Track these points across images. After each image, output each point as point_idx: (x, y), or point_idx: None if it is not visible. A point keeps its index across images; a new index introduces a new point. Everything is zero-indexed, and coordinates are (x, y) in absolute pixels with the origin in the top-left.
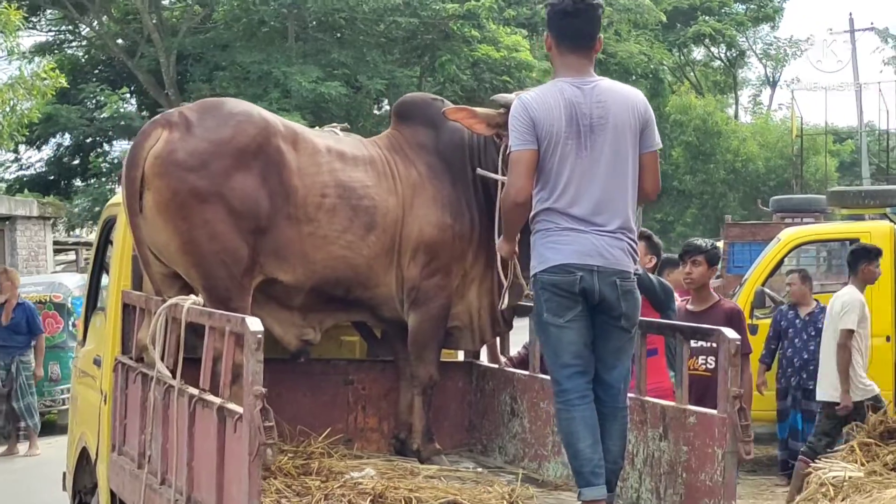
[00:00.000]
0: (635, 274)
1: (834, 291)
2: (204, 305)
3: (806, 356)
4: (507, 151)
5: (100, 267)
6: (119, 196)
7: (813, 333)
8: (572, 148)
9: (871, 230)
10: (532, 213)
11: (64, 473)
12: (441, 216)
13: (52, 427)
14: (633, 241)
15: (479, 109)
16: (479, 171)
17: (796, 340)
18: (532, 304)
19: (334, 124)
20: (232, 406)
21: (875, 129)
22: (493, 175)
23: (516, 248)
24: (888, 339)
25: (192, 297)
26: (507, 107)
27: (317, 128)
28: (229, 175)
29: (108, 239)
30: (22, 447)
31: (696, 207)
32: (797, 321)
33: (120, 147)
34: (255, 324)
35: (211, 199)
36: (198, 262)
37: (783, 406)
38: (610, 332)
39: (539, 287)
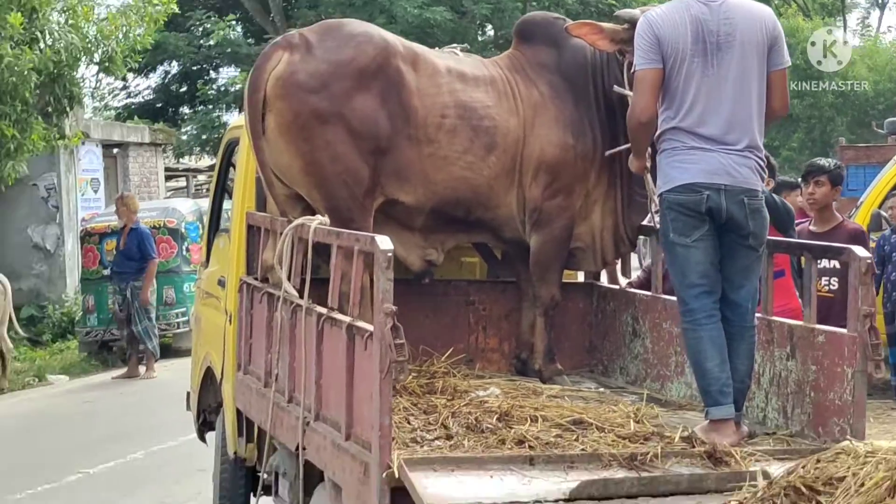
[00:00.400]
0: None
1: None
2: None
3: None
4: (632, 69)
5: (222, 189)
6: (241, 119)
7: None
8: (698, 66)
9: None
10: (657, 133)
11: (188, 393)
12: (563, 136)
13: (167, 350)
14: (761, 160)
15: (603, 24)
16: (616, 88)
17: None
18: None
19: (454, 45)
20: (362, 324)
21: None
22: (624, 91)
23: (647, 164)
24: None
25: (319, 217)
26: (631, 22)
27: (436, 49)
28: (350, 96)
29: (231, 161)
30: (141, 370)
31: (803, 132)
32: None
33: (227, 74)
34: (384, 242)
35: (332, 120)
36: (320, 182)
37: (893, 330)
38: (737, 251)
39: (665, 207)
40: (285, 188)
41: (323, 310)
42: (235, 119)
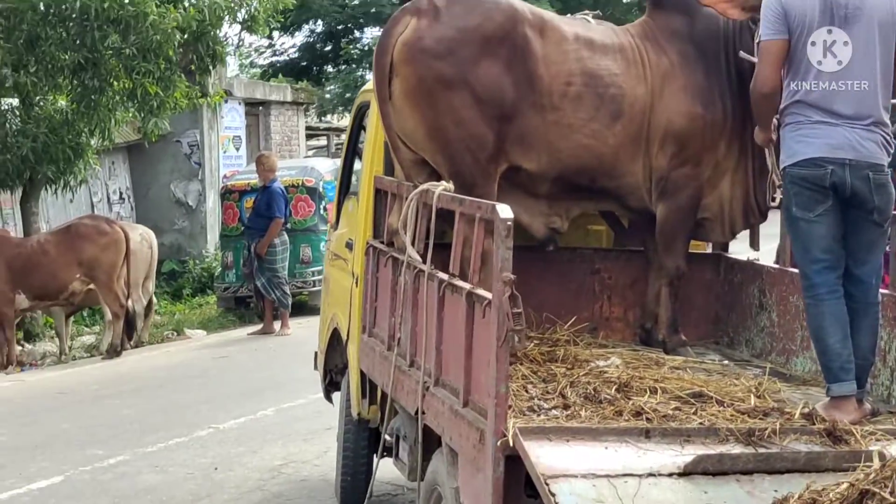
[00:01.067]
0: (890, 167)
1: None
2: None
3: None
4: (757, 40)
5: (353, 152)
6: (372, 82)
7: None
8: (823, 37)
9: None
10: (782, 106)
11: (315, 353)
12: (691, 105)
13: (302, 307)
14: (888, 135)
15: None
16: (742, 53)
17: None
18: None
19: (586, 12)
20: (481, 292)
21: None
22: (751, 58)
23: (772, 136)
24: None
25: (443, 183)
26: None
27: (569, 15)
28: (475, 62)
29: (362, 124)
30: (276, 326)
31: None
32: None
33: (371, 34)
34: (505, 211)
35: (457, 85)
36: (444, 148)
37: None
38: (862, 226)
39: (788, 181)
40: (411, 153)
41: (444, 276)
42: (368, 83)
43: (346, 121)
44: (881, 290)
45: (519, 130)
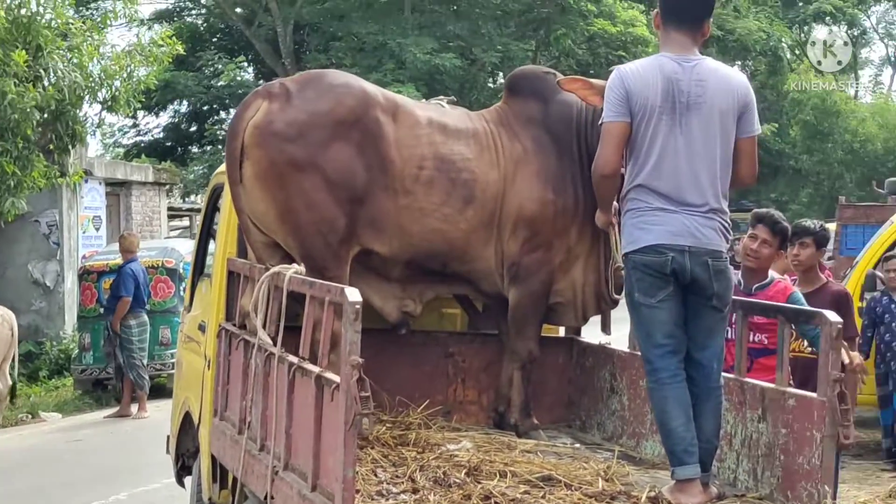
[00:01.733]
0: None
1: None
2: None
3: None
4: (600, 121)
5: (207, 234)
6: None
7: None
8: (666, 124)
9: None
10: (623, 192)
11: (168, 437)
12: (543, 191)
13: (161, 390)
14: (726, 222)
15: (594, 80)
16: None
17: (894, 325)
18: None
19: (441, 97)
20: (329, 375)
21: None
22: None
23: (613, 220)
24: None
25: (294, 266)
26: None
27: (422, 100)
28: (327, 145)
29: (216, 206)
30: (133, 409)
31: (812, 187)
32: (893, 306)
33: None
34: (353, 294)
35: (308, 168)
36: (295, 230)
37: (884, 392)
38: (701, 312)
39: (630, 267)
40: (263, 235)
41: (294, 359)
42: (223, 165)
43: (203, 202)
44: (725, 374)
45: (371, 214)
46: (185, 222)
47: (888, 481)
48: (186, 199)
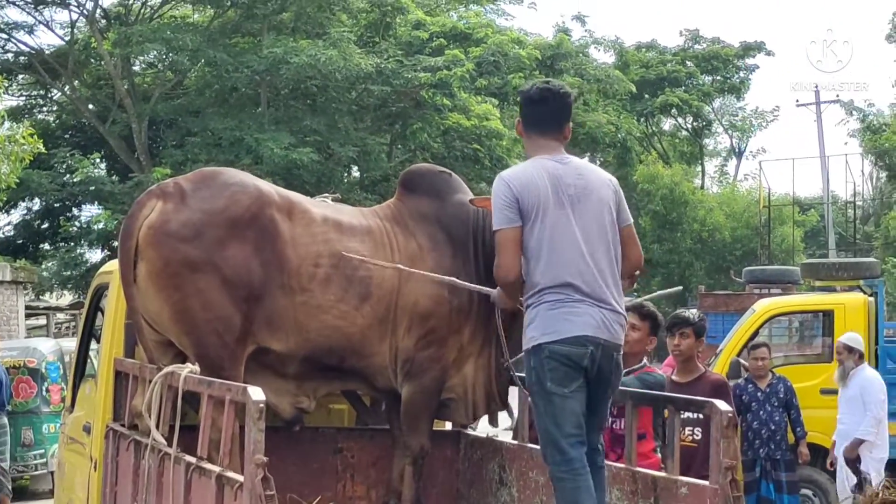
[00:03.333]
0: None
1: (806, 363)
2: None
3: (773, 427)
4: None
5: (89, 334)
6: (110, 264)
7: (776, 404)
8: (562, 217)
9: (846, 302)
10: (538, 287)
11: None
12: (438, 289)
13: (23, 492)
14: (625, 315)
15: None
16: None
17: (761, 412)
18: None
19: (325, 194)
20: (232, 474)
21: (838, 199)
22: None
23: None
24: None
25: (189, 365)
26: None
27: (312, 198)
28: (222, 244)
29: (99, 306)
30: None
31: (663, 276)
32: (759, 394)
33: (90, 211)
34: (257, 393)
35: (203, 268)
36: (190, 330)
37: (751, 478)
38: (600, 403)
39: (545, 356)
40: (156, 334)
41: (192, 459)
42: (106, 265)
43: (64, 299)
44: (616, 465)
45: (267, 312)
46: (42, 321)
47: None
48: (41, 298)
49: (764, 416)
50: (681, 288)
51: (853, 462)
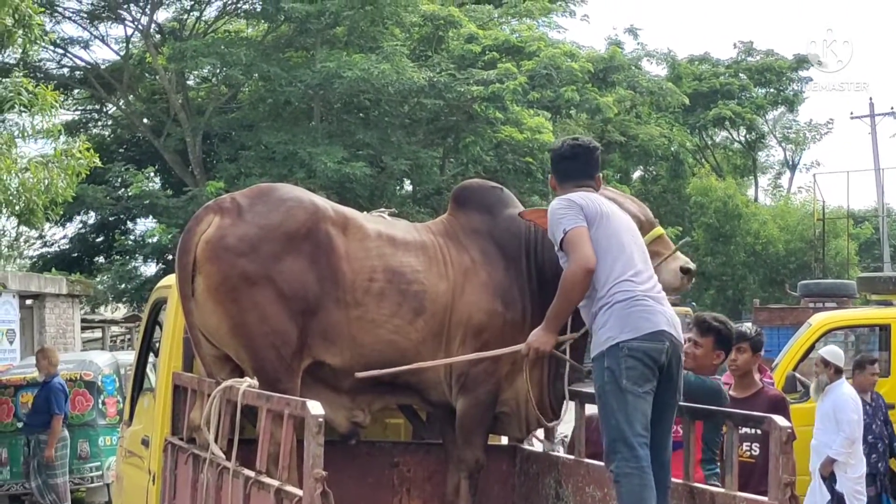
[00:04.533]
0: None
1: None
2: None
3: (887, 441)
4: (560, 239)
5: (147, 348)
6: (168, 278)
7: (882, 419)
8: (612, 226)
9: None
10: (604, 286)
11: None
12: (492, 302)
13: None
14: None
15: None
16: None
17: (874, 426)
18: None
19: (382, 209)
20: (290, 488)
21: (892, 211)
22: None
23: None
24: None
25: (247, 379)
26: None
27: (365, 213)
28: (278, 259)
29: (157, 320)
30: None
31: (716, 289)
32: (867, 408)
33: (144, 225)
34: (316, 407)
35: (260, 282)
36: (247, 343)
37: (873, 493)
38: (667, 409)
39: (624, 354)
40: (213, 349)
41: (251, 473)
42: (164, 279)
43: (119, 312)
44: (677, 480)
45: (322, 326)
46: (97, 334)
47: None
48: (96, 311)
49: (877, 430)
50: (687, 239)
51: (828, 480)
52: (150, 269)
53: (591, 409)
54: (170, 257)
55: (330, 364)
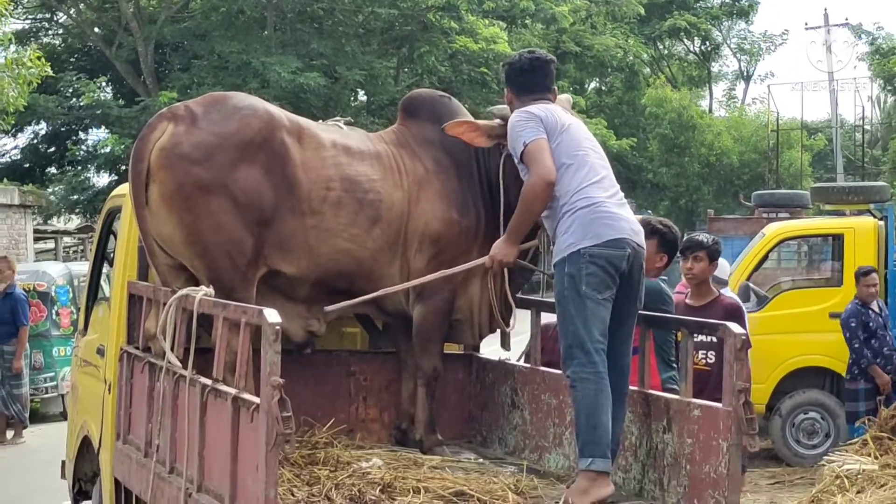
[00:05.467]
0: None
1: (815, 287)
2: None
3: None
4: (520, 150)
5: (101, 258)
6: (122, 187)
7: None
8: (574, 135)
9: (855, 226)
10: (567, 194)
11: (63, 461)
12: (447, 210)
13: (35, 415)
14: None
15: (479, 122)
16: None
17: (887, 337)
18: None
19: (337, 118)
20: (248, 396)
21: (846, 123)
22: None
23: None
24: None
25: (203, 288)
26: (504, 118)
27: (320, 121)
28: (233, 167)
29: (111, 230)
30: (9, 435)
31: (670, 200)
32: (880, 318)
33: (96, 135)
34: (272, 315)
35: (215, 190)
36: (202, 252)
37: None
38: (626, 315)
39: (584, 261)
40: (168, 258)
41: (207, 381)
42: (118, 188)
43: (72, 223)
44: (632, 387)
45: (278, 235)
46: (50, 245)
47: (765, 490)
48: (48, 222)
49: (890, 340)
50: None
51: None
52: (102, 179)
53: (546, 318)
54: (122, 168)
55: (286, 273)
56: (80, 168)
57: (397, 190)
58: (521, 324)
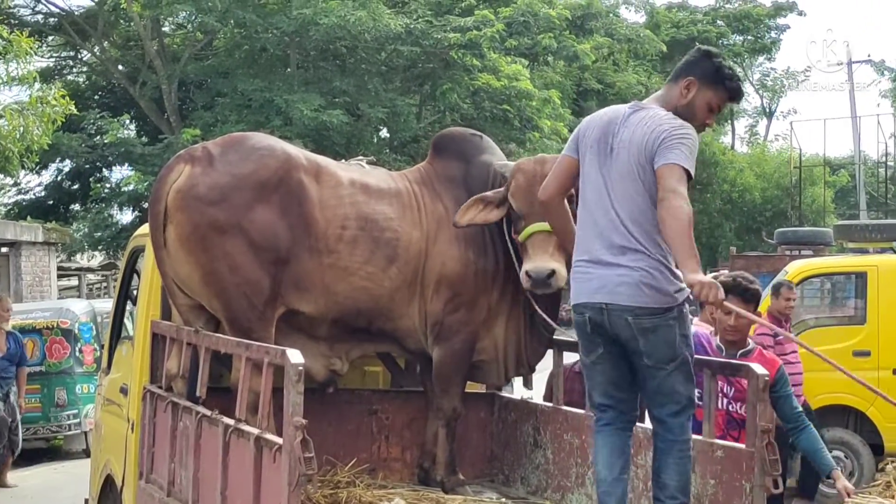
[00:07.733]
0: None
1: (838, 325)
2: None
3: None
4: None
5: (125, 297)
6: (145, 227)
7: None
8: (590, 172)
9: (879, 264)
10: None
11: (86, 500)
12: (464, 251)
13: (57, 452)
14: (651, 270)
15: (485, 195)
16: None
17: None
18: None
19: (360, 157)
20: (270, 437)
21: (869, 159)
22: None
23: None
24: (895, 371)
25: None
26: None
27: (343, 161)
28: (250, 208)
29: (135, 269)
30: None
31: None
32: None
33: (121, 173)
34: (295, 356)
35: (231, 231)
36: (219, 293)
37: None
38: (643, 371)
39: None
40: (188, 298)
41: (230, 421)
42: (142, 227)
43: (95, 260)
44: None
45: (295, 274)
46: (73, 281)
47: None
48: (72, 259)
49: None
50: None
51: None
52: (126, 216)
53: (568, 358)
54: (146, 205)
55: (305, 312)
56: (103, 205)
57: (416, 229)
58: (543, 360)
